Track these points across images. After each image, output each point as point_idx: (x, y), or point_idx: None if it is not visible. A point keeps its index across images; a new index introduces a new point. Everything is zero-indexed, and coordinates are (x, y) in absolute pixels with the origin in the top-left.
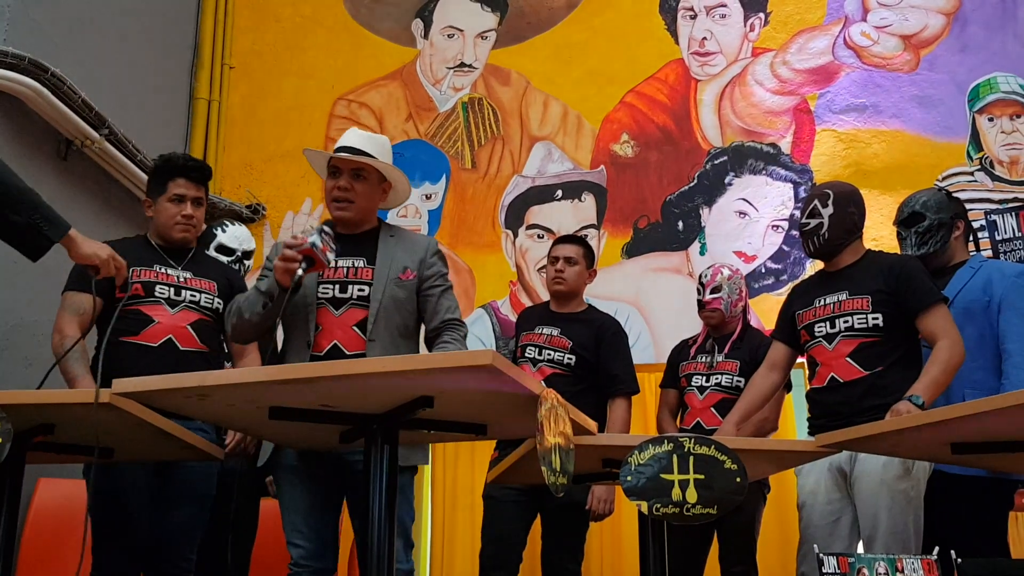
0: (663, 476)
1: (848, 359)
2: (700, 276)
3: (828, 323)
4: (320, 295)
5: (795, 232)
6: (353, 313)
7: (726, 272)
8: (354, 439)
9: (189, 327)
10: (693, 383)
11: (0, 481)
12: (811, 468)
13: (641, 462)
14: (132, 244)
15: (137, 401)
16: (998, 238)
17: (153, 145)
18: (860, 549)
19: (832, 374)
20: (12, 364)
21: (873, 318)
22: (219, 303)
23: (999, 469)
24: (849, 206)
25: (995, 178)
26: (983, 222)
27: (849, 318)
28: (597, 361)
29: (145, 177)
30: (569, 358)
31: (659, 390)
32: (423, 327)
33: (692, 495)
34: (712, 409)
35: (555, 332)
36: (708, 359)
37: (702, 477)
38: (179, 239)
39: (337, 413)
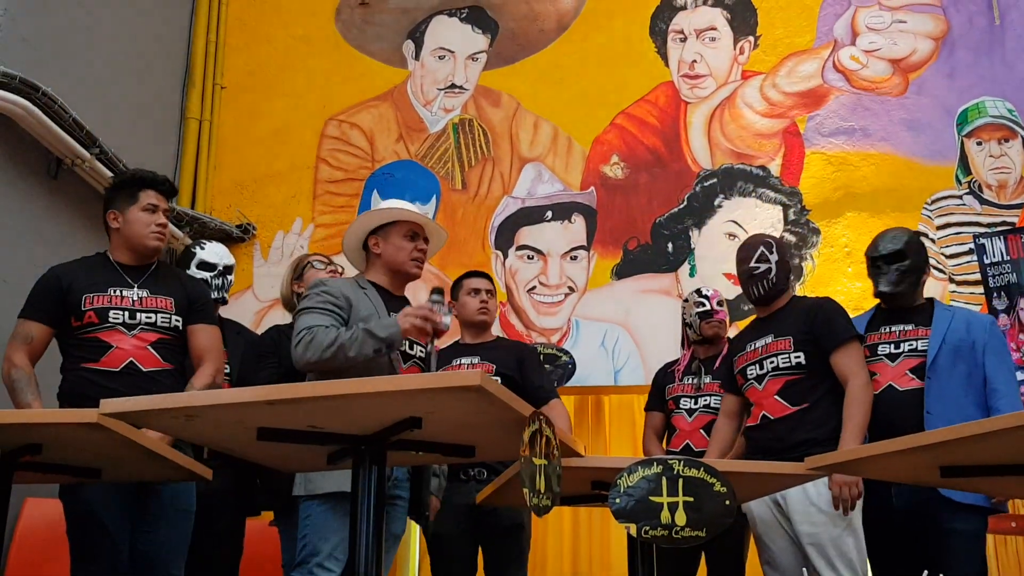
0: (652, 498)
1: (776, 397)
2: (700, 291)
3: (758, 365)
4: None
5: None
6: (414, 371)
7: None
8: (342, 460)
9: (150, 348)
10: (681, 405)
11: None
12: (757, 502)
13: (630, 484)
14: (89, 265)
15: (125, 421)
16: (987, 261)
17: (144, 164)
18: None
19: (764, 412)
20: None
21: (796, 357)
22: (177, 320)
23: (987, 493)
24: (787, 255)
25: (983, 202)
26: (972, 245)
27: (775, 358)
28: (521, 379)
29: None
30: (494, 379)
31: (645, 413)
32: None
33: (681, 518)
34: (701, 431)
35: (475, 360)
36: (695, 381)
37: (691, 500)
38: (152, 247)
39: (325, 434)
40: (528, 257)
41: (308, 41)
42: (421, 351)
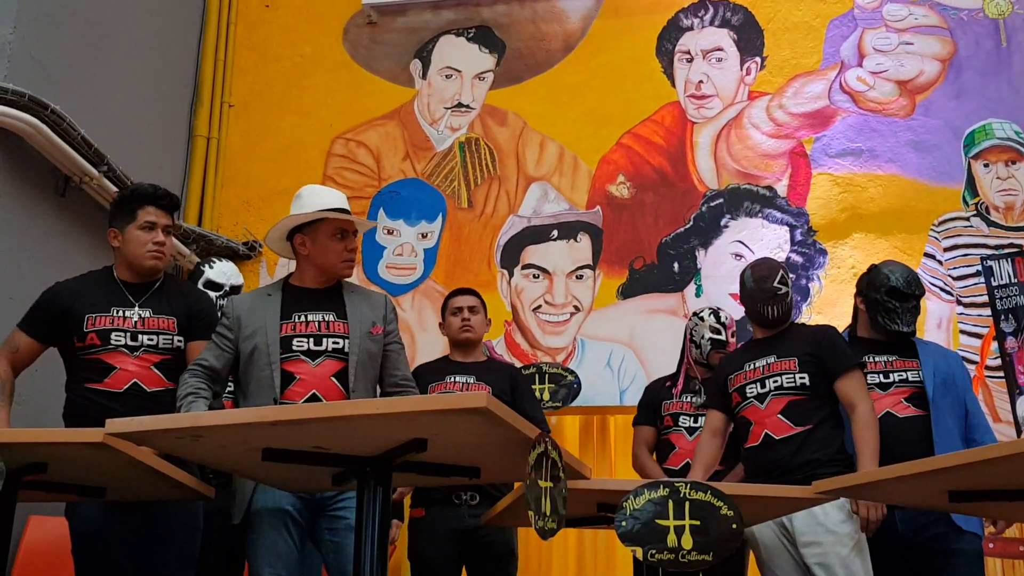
0: (658, 521)
1: (780, 416)
2: (718, 316)
3: (759, 384)
4: (295, 347)
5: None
6: (330, 364)
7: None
8: (347, 481)
9: (153, 368)
10: (680, 423)
11: None
12: (762, 526)
13: (636, 507)
14: (94, 280)
15: (131, 441)
16: (994, 284)
17: (152, 182)
18: None
19: (766, 431)
20: None
21: (800, 377)
22: (179, 341)
23: (994, 517)
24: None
25: (991, 224)
26: (979, 267)
27: (778, 378)
28: (514, 405)
29: None
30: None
31: (634, 428)
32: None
33: (688, 541)
34: None
35: (470, 380)
36: (695, 400)
37: (698, 523)
38: (150, 267)
39: (330, 455)
40: (534, 276)
41: (315, 60)
42: (335, 343)
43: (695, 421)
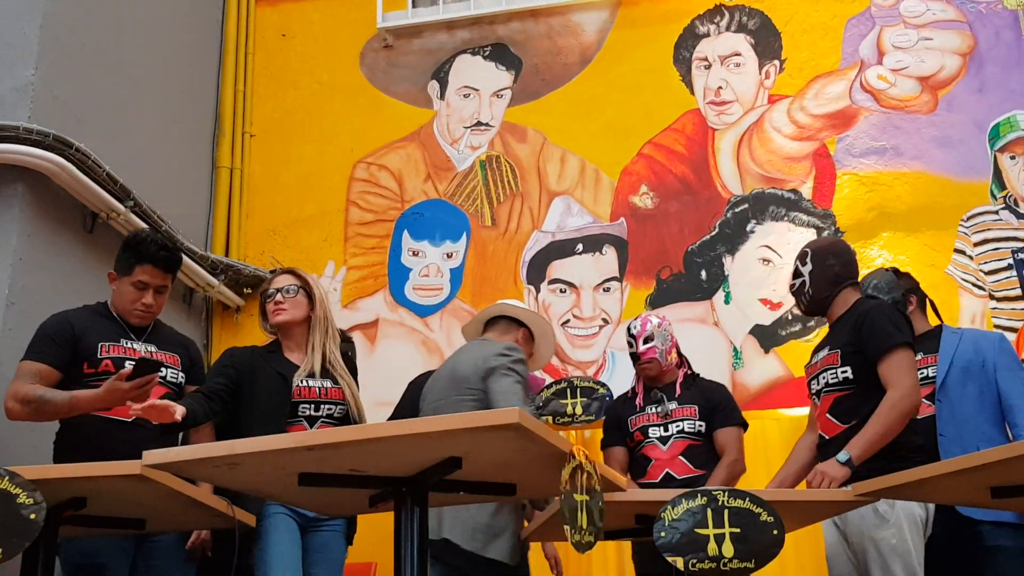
0: (698, 531)
1: (828, 415)
2: (628, 328)
3: (816, 380)
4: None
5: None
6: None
7: (655, 320)
8: (383, 502)
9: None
10: (651, 435)
11: (33, 555)
12: (827, 523)
13: (675, 517)
14: (94, 314)
15: (168, 471)
16: None
17: (178, 215)
18: None
19: (821, 432)
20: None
21: (843, 371)
22: (182, 377)
23: None
24: (828, 259)
25: (1020, 216)
26: (1011, 260)
27: (825, 374)
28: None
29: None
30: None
31: (603, 451)
32: None
33: (728, 549)
34: (680, 457)
35: None
36: (661, 409)
37: (738, 531)
38: (133, 324)
39: (366, 477)
40: (560, 291)
41: (334, 86)
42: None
43: (666, 430)
